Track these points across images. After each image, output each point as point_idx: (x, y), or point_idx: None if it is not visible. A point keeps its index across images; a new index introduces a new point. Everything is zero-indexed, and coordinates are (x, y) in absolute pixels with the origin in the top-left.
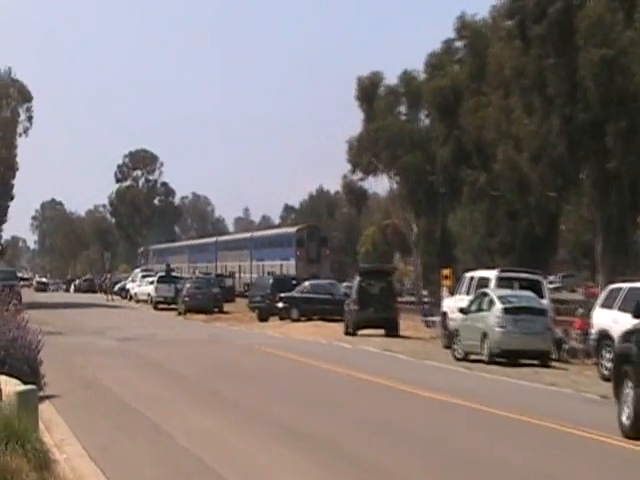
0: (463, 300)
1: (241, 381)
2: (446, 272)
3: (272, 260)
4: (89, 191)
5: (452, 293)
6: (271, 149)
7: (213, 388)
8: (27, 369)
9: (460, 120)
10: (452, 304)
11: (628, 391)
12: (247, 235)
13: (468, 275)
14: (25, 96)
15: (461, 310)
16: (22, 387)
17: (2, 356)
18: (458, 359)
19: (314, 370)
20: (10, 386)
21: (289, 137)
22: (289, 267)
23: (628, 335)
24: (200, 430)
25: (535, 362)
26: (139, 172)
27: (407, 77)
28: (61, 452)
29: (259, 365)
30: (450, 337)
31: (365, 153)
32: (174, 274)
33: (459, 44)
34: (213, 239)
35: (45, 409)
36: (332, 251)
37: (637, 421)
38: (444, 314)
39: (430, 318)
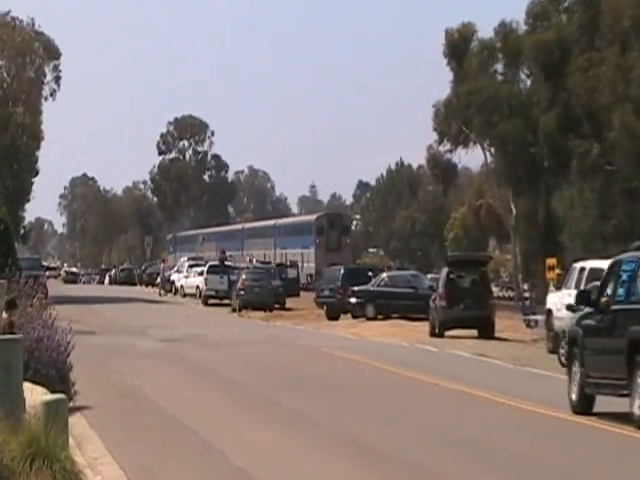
0: (571, 295)
1: (307, 390)
2: (551, 262)
3: (293, 248)
4: (127, 165)
5: (558, 287)
6: (342, 115)
7: (273, 398)
8: (55, 375)
9: (568, 81)
10: (558, 300)
11: (576, 370)
12: (271, 223)
13: (578, 265)
14: (52, 53)
15: (569, 307)
16: (49, 396)
17: (25, 359)
18: (565, 365)
19: (393, 378)
20: (35, 395)
21: (363, 101)
22: (309, 256)
23: (579, 320)
24: (258, 448)
25: None
26: (186, 142)
27: (504, 30)
28: (95, 473)
29: (328, 371)
30: (556, 340)
31: (454, 120)
32: (228, 263)
33: None
34: (239, 226)
35: (76, 422)
36: (352, 240)
37: (582, 397)
38: (549, 312)
39: (532, 317)
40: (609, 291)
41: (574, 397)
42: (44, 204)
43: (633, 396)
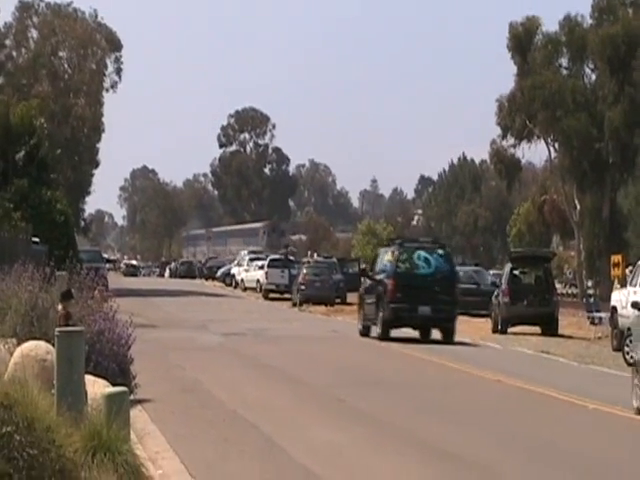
0: (637, 293)
1: (369, 387)
2: (616, 259)
3: (253, 245)
4: (187, 158)
5: (623, 284)
6: (405, 109)
7: (336, 395)
8: (115, 368)
9: (634, 75)
10: (623, 297)
11: (361, 313)
12: (239, 227)
13: None
14: (114, 44)
15: (634, 305)
16: (111, 389)
17: (87, 352)
18: (631, 364)
19: (456, 375)
20: (97, 388)
21: (426, 94)
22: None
23: (364, 285)
24: (322, 445)
25: None
26: (247, 135)
27: (569, 23)
28: (156, 467)
29: (391, 368)
30: (621, 337)
31: (518, 115)
32: (290, 258)
33: None
34: (225, 228)
35: (137, 416)
36: (290, 241)
37: (363, 327)
38: (613, 309)
39: (596, 314)
40: (374, 267)
41: (360, 327)
42: (104, 196)
43: (377, 324)
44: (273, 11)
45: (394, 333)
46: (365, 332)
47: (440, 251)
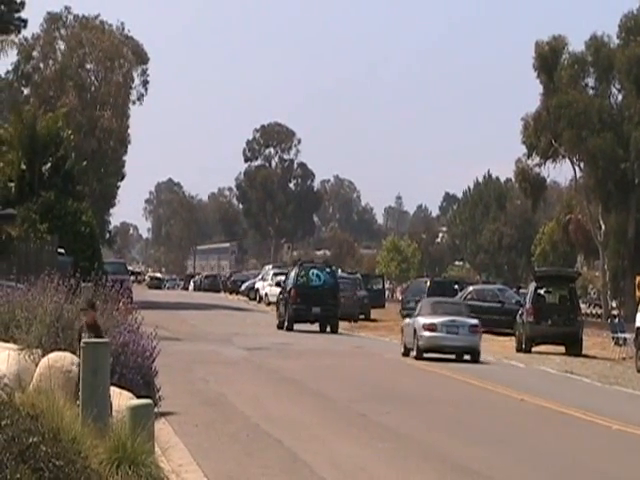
0: None
1: (391, 403)
2: None
3: (224, 260)
4: (212, 171)
5: None
6: (430, 126)
7: (358, 410)
8: (140, 380)
9: None
10: None
11: (279, 312)
12: (217, 246)
13: None
14: (140, 57)
15: None
16: (135, 401)
17: (111, 364)
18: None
19: (479, 392)
20: (122, 399)
21: (450, 112)
22: (228, 265)
23: (281, 294)
24: (343, 460)
25: None
26: (272, 150)
27: (596, 43)
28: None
29: (413, 384)
30: None
31: (544, 134)
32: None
33: None
34: (207, 246)
35: (161, 428)
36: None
37: (280, 322)
38: (638, 330)
39: (620, 335)
40: (287, 282)
41: (277, 322)
42: (130, 209)
43: (285, 320)
44: (300, 28)
45: (304, 327)
46: (280, 326)
47: (328, 269)
